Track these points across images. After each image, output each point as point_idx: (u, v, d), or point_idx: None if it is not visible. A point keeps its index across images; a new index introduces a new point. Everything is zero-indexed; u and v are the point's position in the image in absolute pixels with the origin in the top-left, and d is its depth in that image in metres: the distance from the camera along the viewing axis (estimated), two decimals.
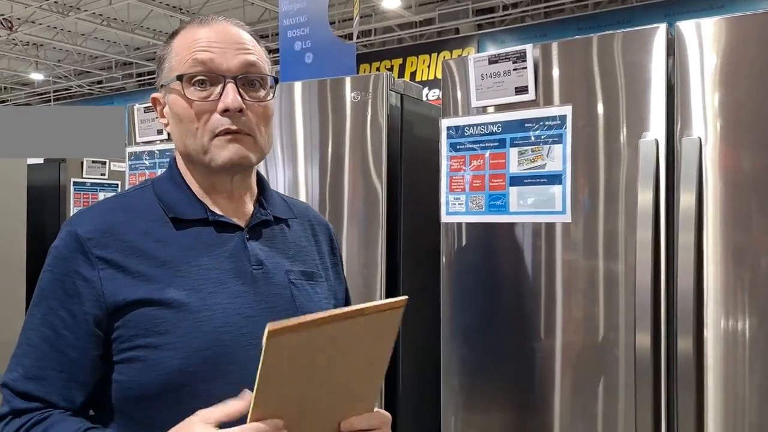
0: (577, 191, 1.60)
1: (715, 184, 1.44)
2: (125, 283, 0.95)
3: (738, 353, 1.42)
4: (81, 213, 1.02)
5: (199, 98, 1.00)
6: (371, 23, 10.90)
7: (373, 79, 1.95)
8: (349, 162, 1.99)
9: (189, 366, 0.92)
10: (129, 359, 0.94)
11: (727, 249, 1.43)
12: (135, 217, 1.00)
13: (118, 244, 0.97)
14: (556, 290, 1.64)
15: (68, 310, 0.95)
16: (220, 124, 0.99)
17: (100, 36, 12.18)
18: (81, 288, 0.95)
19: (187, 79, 1.00)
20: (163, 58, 1.05)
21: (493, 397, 1.74)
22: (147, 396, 0.94)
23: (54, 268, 0.97)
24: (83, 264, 0.96)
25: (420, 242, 2.03)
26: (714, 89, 1.45)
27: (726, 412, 1.43)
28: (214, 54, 1.00)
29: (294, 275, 1.07)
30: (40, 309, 0.97)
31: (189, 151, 1.02)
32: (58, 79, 14.95)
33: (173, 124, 1.04)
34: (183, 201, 1.03)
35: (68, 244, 0.97)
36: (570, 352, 1.62)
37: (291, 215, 1.15)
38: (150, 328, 0.93)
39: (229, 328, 0.96)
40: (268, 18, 10.72)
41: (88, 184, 4.05)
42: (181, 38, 1.04)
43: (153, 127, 2.38)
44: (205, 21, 1.04)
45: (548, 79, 1.64)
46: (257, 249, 1.05)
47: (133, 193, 1.07)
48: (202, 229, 1.02)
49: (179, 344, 0.93)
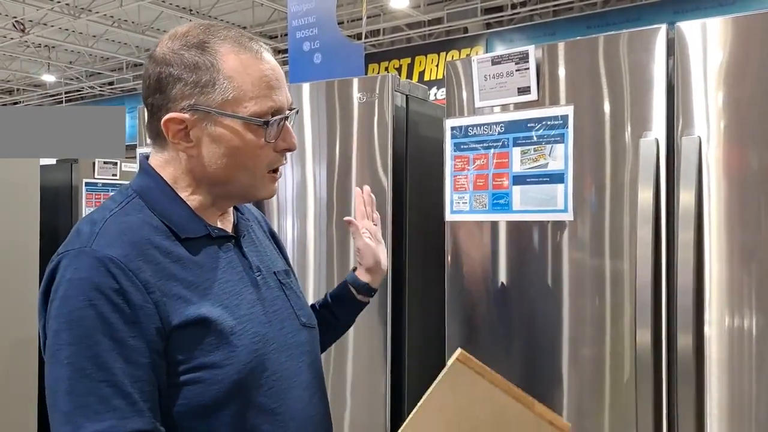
0: (579, 190, 1.62)
1: (718, 182, 1.46)
2: (171, 307, 0.92)
3: (743, 351, 1.43)
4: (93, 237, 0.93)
5: (270, 138, 0.98)
6: (380, 23, 10.92)
7: (379, 80, 1.98)
8: (355, 162, 2.02)
9: (242, 379, 0.95)
10: (187, 381, 0.92)
11: (730, 246, 1.44)
12: (148, 237, 0.96)
13: (151, 267, 0.93)
14: (559, 287, 1.66)
15: (136, 337, 0.89)
16: (278, 162, 1.02)
17: (111, 37, 12.27)
18: (139, 315, 0.89)
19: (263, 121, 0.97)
20: (205, 81, 0.96)
21: None
22: (203, 415, 0.93)
23: (98, 300, 0.88)
24: (132, 291, 0.89)
25: (425, 241, 2.05)
26: (714, 88, 1.47)
27: (730, 410, 1.44)
28: (281, 95, 1.00)
29: (281, 276, 1.13)
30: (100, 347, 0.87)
31: (234, 182, 1.01)
32: (70, 80, 15.07)
33: (214, 155, 0.99)
34: (185, 219, 1.01)
35: (106, 271, 0.89)
36: (574, 349, 1.64)
37: (253, 218, 1.20)
38: (203, 348, 0.93)
39: (258, 338, 1.00)
40: (277, 19, 10.76)
41: (100, 184, 4.11)
42: (234, 64, 0.97)
43: None
44: (250, 47, 1.00)
45: (550, 79, 1.66)
46: (252, 255, 1.08)
47: (127, 209, 0.99)
48: (207, 244, 1.02)
49: (231, 359, 0.94)
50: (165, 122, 0.98)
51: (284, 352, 1.04)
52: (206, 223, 1.03)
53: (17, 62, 13.87)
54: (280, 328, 1.05)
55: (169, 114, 0.97)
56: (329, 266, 2.07)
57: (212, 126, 0.97)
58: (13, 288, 3.14)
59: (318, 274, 2.08)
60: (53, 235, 3.78)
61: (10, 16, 10.79)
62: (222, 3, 10.38)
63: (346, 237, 2.03)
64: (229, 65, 0.97)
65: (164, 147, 1.02)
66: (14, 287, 3.14)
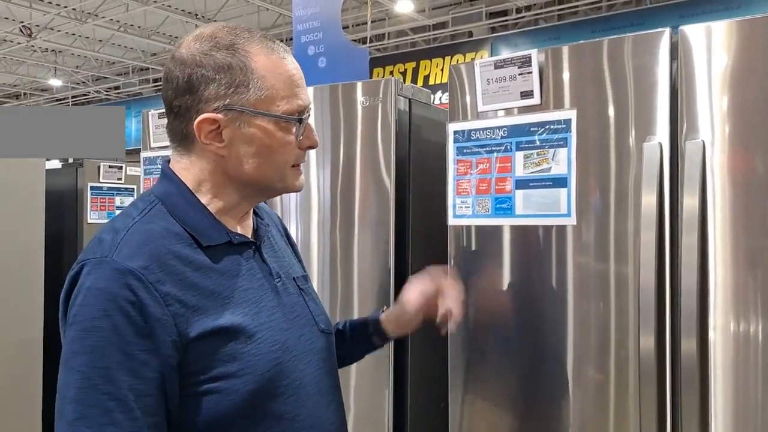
0: (582, 194, 1.61)
1: (722, 186, 1.45)
2: (189, 318, 0.92)
3: (749, 356, 1.42)
4: (115, 247, 0.93)
5: (297, 136, 1.03)
6: (385, 27, 10.94)
7: (382, 84, 1.98)
8: (359, 166, 2.02)
9: (259, 388, 0.95)
10: (203, 392, 0.92)
11: (735, 251, 1.44)
12: (170, 245, 0.96)
13: (171, 278, 0.93)
14: (562, 292, 1.65)
15: (146, 352, 0.89)
16: (301, 158, 1.06)
17: (117, 42, 12.33)
18: (154, 328, 0.89)
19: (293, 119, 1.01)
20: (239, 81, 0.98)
21: (500, 399, 1.76)
22: (220, 425, 0.93)
23: (113, 311, 0.88)
24: (150, 303, 0.89)
25: (428, 245, 2.05)
26: (718, 92, 1.46)
27: (735, 416, 1.43)
28: (306, 95, 1.04)
29: (300, 281, 1.13)
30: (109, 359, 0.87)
31: (264, 179, 1.03)
32: (76, 84, 15.14)
33: (246, 153, 1.00)
34: (206, 225, 1.01)
35: (124, 282, 0.89)
36: (577, 354, 1.63)
37: (271, 222, 1.20)
38: (221, 359, 0.93)
39: (278, 345, 1.00)
40: (282, 23, 10.79)
41: (105, 188, 4.12)
42: (266, 64, 0.99)
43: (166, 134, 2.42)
44: (279, 50, 1.03)
45: (553, 83, 1.66)
46: (272, 261, 1.08)
47: (149, 217, 0.99)
48: (228, 251, 1.02)
49: (249, 369, 0.94)
50: (199, 123, 0.98)
51: (303, 359, 1.04)
52: (227, 230, 1.02)
53: (24, 67, 13.94)
54: (300, 335, 1.05)
55: (204, 115, 0.98)
56: (332, 270, 2.07)
57: (245, 126, 0.99)
58: (18, 290, 3.15)
59: (321, 278, 2.08)
60: (58, 238, 3.80)
61: (17, 21, 10.85)
62: (227, 7, 10.42)
63: (349, 241, 2.03)
64: (261, 65, 0.99)
65: (190, 149, 1.02)
66: (19, 289, 3.16)
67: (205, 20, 10.86)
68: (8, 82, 15.32)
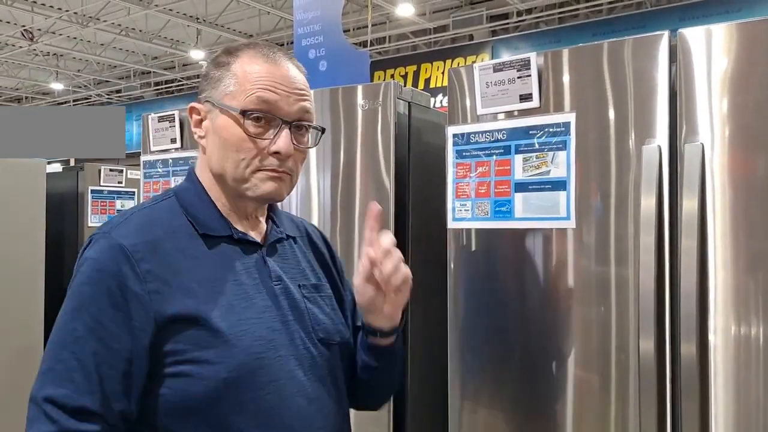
0: (581, 197, 1.61)
1: (722, 189, 1.45)
2: (170, 299, 0.97)
3: (750, 359, 1.41)
4: (117, 225, 1.02)
5: (255, 134, 1.04)
6: (386, 30, 10.96)
7: (382, 87, 1.98)
8: (359, 169, 2.02)
9: (233, 378, 0.97)
10: (177, 373, 0.96)
11: (735, 254, 1.43)
12: (170, 232, 1.03)
13: (160, 259, 0.99)
14: (561, 295, 1.65)
15: (119, 323, 0.94)
16: (269, 164, 1.05)
17: (118, 46, 12.36)
18: (131, 302, 0.95)
19: (248, 114, 1.04)
20: (218, 77, 1.07)
21: (500, 403, 1.76)
22: (193, 408, 0.96)
23: (97, 281, 0.96)
24: (131, 278, 0.96)
25: (428, 248, 2.05)
26: (717, 95, 1.46)
27: (736, 420, 1.42)
28: (278, 97, 1.05)
29: (306, 289, 1.13)
30: (82, 322, 0.95)
31: (225, 174, 1.06)
32: (78, 88, 15.18)
33: (214, 145, 1.07)
34: (210, 217, 1.07)
35: (112, 256, 0.96)
36: (576, 357, 1.63)
37: (298, 233, 1.22)
38: (198, 343, 0.96)
39: (261, 342, 1.02)
40: (283, 27, 10.81)
41: (106, 191, 4.12)
42: (244, 65, 1.06)
43: (167, 136, 2.43)
44: (270, 57, 1.07)
45: (552, 86, 1.66)
46: (275, 265, 1.11)
47: (160, 205, 1.08)
48: (228, 247, 1.07)
49: (224, 358, 0.97)
50: (188, 110, 1.11)
51: (292, 362, 1.05)
52: (231, 225, 1.08)
53: (26, 70, 13.98)
54: (292, 338, 1.06)
55: (191, 104, 1.11)
56: None
57: (215, 118, 1.06)
58: (18, 294, 3.15)
59: None
60: (59, 241, 3.80)
61: (18, 25, 10.88)
62: (229, 11, 10.45)
63: (350, 244, 2.03)
64: (238, 65, 1.06)
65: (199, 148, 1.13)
66: (20, 293, 3.16)
67: (207, 24, 10.87)
68: (10, 86, 15.35)
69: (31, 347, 3.12)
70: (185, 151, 2.40)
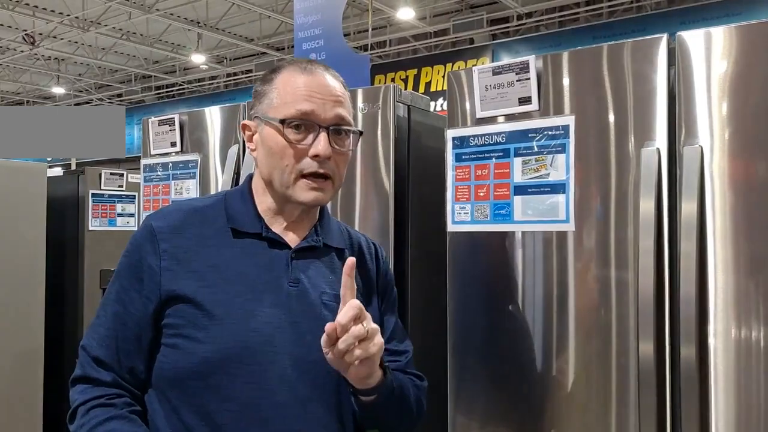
0: (580, 200, 1.61)
1: (722, 192, 1.44)
2: (179, 277, 1.08)
3: (750, 363, 1.41)
4: (161, 209, 1.19)
5: (295, 140, 1.12)
6: (386, 34, 10.97)
7: (382, 90, 1.99)
8: (359, 173, 2.02)
9: (215, 359, 1.05)
10: (172, 345, 1.08)
11: (735, 257, 1.43)
12: (202, 221, 1.15)
13: (182, 241, 1.11)
14: (561, 298, 1.65)
15: (137, 291, 1.10)
16: (309, 167, 1.12)
17: (119, 50, 12.39)
18: (146, 274, 1.10)
19: (287, 123, 1.11)
20: (263, 92, 1.17)
21: (500, 405, 1.75)
22: (178, 379, 1.07)
23: (129, 253, 1.14)
24: (151, 254, 1.10)
25: (427, 251, 2.05)
26: (716, 98, 1.46)
27: (737, 424, 1.42)
28: (315, 105, 1.12)
29: (327, 297, 1.15)
30: (114, 287, 1.13)
31: (273, 179, 1.15)
32: (79, 92, 15.21)
33: (263, 154, 1.16)
34: (245, 215, 1.16)
35: (143, 234, 1.13)
36: (576, 360, 1.63)
37: (344, 245, 1.24)
38: (194, 322, 1.06)
39: (256, 333, 1.07)
40: (284, 30, 10.84)
41: (106, 195, 4.12)
42: (285, 80, 1.15)
43: (167, 140, 2.43)
44: (308, 69, 1.16)
45: (551, 89, 1.66)
46: (299, 269, 1.14)
47: (207, 199, 1.22)
48: (255, 242, 1.14)
49: (213, 339, 1.05)
50: (241, 127, 1.22)
51: (288, 361, 1.07)
52: (264, 225, 1.15)
53: (27, 75, 14.01)
54: (294, 339, 1.09)
55: (243, 121, 1.21)
56: None
57: (263, 130, 1.15)
58: (19, 297, 3.15)
59: None
60: (59, 245, 3.79)
61: (20, 29, 10.91)
62: (229, 15, 10.47)
63: None
64: (280, 79, 1.15)
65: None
66: (21, 297, 3.16)
67: (207, 28, 10.90)
68: (11, 90, 15.38)
69: (32, 350, 3.12)
70: (185, 154, 2.40)
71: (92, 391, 1.08)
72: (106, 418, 1.05)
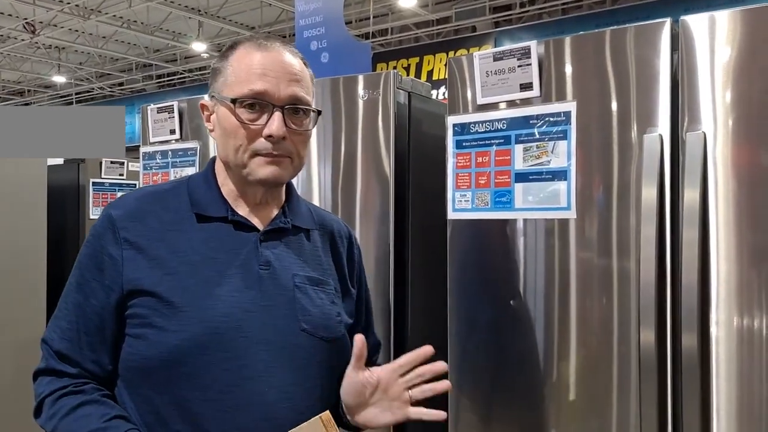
0: (582, 187, 1.59)
1: (725, 179, 1.43)
2: (142, 266, 1.05)
3: (753, 352, 1.40)
4: (122, 197, 1.15)
5: (248, 120, 1.08)
6: (388, 22, 10.90)
7: (382, 77, 1.97)
8: (360, 159, 2.01)
9: (185, 347, 1.02)
10: (137, 335, 1.04)
11: (738, 245, 1.42)
12: (164, 207, 1.11)
13: (143, 229, 1.07)
14: (562, 285, 1.64)
15: (97, 281, 1.07)
16: (264, 147, 1.08)
17: (120, 38, 12.33)
18: (107, 264, 1.06)
19: (239, 102, 1.08)
20: (218, 70, 1.13)
21: (501, 393, 1.75)
22: (147, 369, 1.03)
23: (90, 243, 1.10)
24: (112, 243, 1.07)
25: (428, 238, 2.04)
26: (720, 83, 1.44)
27: (739, 412, 1.41)
28: (268, 84, 1.08)
29: (299, 279, 1.12)
30: (75, 278, 1.10)
31: (228, 161, 1.11)
32: (80, 81, 15.16)
33: (219, 134, 1.13)
34: (209, 199, 1.12)
35: (103, 223, 1.09)
36: (577, 348, 1.62)
37: (313, 226, 1.21)
38: (160, 310, 1.03)
39: (225, 319, 1.04)
40: (285, 19, 10.77)
41: (107, 184, 4.12)
42: (239, 57, 1.11)
43: (166, 127, 2.41)
44: (264, 45, 1.11)
45: (553, 75, 1.64)
46: (268, 251, 1.11)
47: (170, 185, 1.18)
48: (221, 226, 1.11)
49: (180, 327, 1.02)
50: (200, 107, 1.18)
51: (261, 346, 1.05)
52: (229, 207, 1.12)
53: (28, 63, 13.96)
54: (265, 322, 1.06)
55: (201, 101, 1.17)
56: None
57: (218, 109, 1.12)
58: (20, 287, 3.15)
59: None
60: (60, 234, 3.79)
61: (20, 18, 10.86)
62: (230, 3, 10.41)
63: None
64: (235, 56, 1.11)
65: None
66: (22, 286, 3.15)
67: (208, 16, 10.84)
68: (12, 79, 15.35)
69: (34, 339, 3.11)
70: (185, 142, 2.39)
71: (58, 382, 1.06)
72: (77, 404, 1.03)
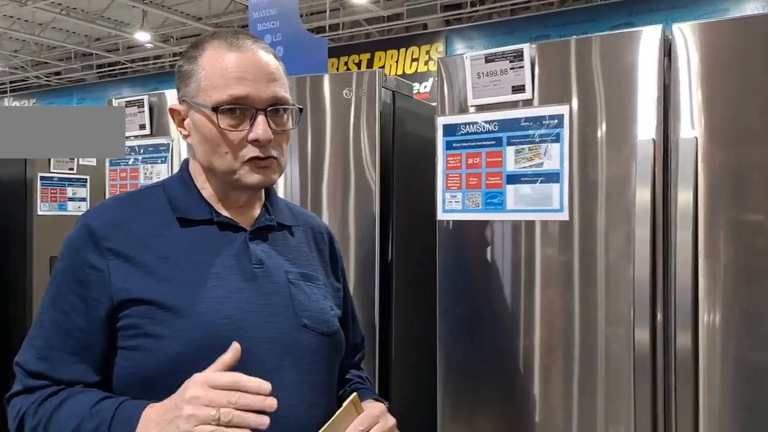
0: (574, 189, 1.61)
1: (713, 183, 1.47)
2: (131, 274, 1.01)
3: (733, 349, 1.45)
4: (96, 207, 1.10)
5: (230, 126, 1.04)
6: (339, 17, 10.84)
7: (367, 76, 1.94)
8: (347, 160, 1.98)
9: (187, 353, 0.97)
10: (133, 347, 1.00)
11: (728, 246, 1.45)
12: (143, 213, 1.07)
13: (126, 236, 1.03)
14: (555, 287, 1.66)
15: (79, 295, 1.01)
16: (251, 152, 1.05)
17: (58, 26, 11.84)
18: (91, 276, 1.00)
19: (220, 110, 1.03)
20: (188, 72, 1.07)
21: (491, 393, 1.76)
22: (148, 380, 0.98)
23: (66, 257, 1.04)
24: (94, 254, 1.01)
25: (413, 239, 2.03)
26: (710, 89, 1.48)
27: (721, 407, 1.46)
28: (249, 87, 1.04)
29: (293, 275, 1.11)
30: (50, 294, 1.04)
31: (213, 167, 1.07)
32: (15, 69, 14.49)
33: (198, 141, 1.08)
34: (190, 202, 1.09)
35: (81, 235, 1.03)
36: (568, 348, 1.64)
37: (295, 222, 1.20)
38: (154, 318, 0.99)
39: (226, 321, 1.01)
40: (233, 10, 10.57)
41: (56, 179, 3.93)
42: (211, 59, 1.05)
43: (135, 122, 2.32)
44: (235, 44, 1.06)
45: (545, 78, 1.66)
46: (258, 249, 1.10)
47: (144, 191, 1.14)
48: (207, 228, 1.07)
49: (180, 334, 0.98)
50: (169, 112, 1.12)
51: (265, 345, 1.03)
52: (212, 209, 1.09)
53: None
54: (268, 321, 1.04)
55: (170, 105, 1.12)
56: None
57: (194, 115, 1.07)
58: None
59: None
60: (6, 230, 3.61)
61: None
62: None
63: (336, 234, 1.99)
64: (206, 58, 1.06)
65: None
66: None
67: (153, 6, 10.53)
68: None
69: None
70: (155, 137, 2.30)
71: (37, 394, 1.00)
72: (60, 402, 0.98)
